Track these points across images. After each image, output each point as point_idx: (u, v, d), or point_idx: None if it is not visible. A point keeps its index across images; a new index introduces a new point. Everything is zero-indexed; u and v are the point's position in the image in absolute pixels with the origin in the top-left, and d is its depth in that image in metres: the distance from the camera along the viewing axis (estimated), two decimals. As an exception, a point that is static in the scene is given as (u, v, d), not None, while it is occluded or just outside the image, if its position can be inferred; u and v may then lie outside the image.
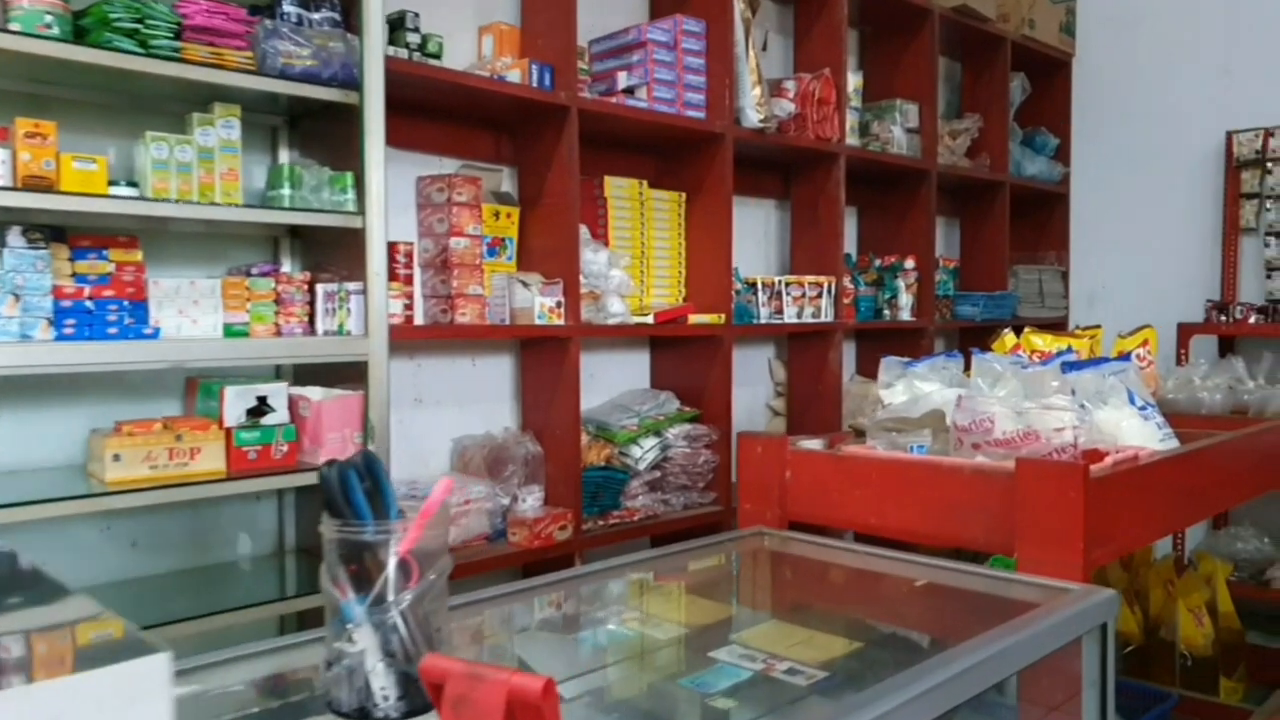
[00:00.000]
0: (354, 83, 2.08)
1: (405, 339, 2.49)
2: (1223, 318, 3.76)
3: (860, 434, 1.85)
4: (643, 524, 2.81)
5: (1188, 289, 4.10)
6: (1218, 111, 4.05)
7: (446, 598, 0.98)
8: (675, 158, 3.12)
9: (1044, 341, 2.26)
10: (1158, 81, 4.24)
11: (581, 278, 2.69)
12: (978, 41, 4.08)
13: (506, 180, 2.79)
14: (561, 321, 2.58)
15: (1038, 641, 1.16)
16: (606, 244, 2.87)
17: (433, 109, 2.60)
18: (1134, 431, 1.70)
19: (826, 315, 3.35)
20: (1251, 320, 3.68)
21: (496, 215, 2.64)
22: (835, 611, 1.53)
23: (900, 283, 3.68)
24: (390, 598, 0.92)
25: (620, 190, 2.92)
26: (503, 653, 1.38)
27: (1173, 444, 1.73)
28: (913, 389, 1.97)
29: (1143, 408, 1.73)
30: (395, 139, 2.56)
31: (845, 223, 3.84)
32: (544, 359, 2.70)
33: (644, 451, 2.87)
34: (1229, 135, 3.99)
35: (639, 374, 3.22)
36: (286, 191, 2.10)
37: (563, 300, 2.59)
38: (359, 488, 0.93)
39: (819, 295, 3.32)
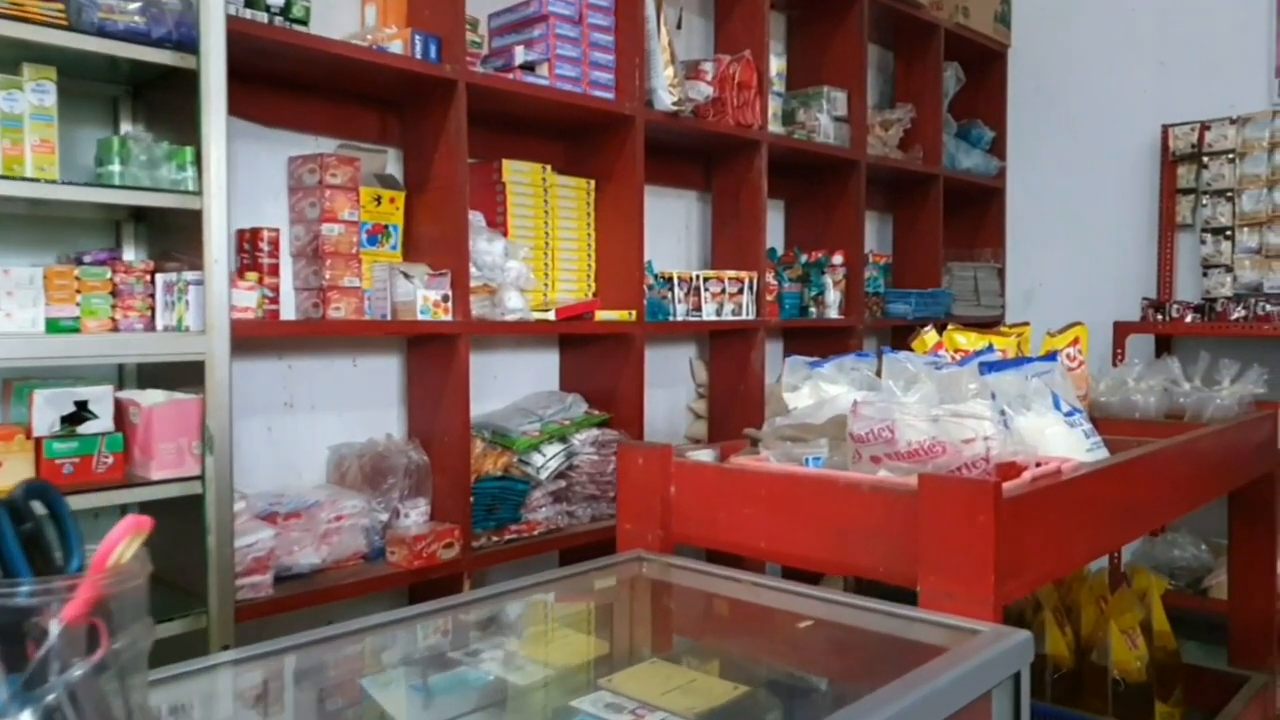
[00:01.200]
0: (192, 45, 1.82)
1: (264, 335, 2.23)
2: (1159, 316, 3.64)
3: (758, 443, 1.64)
4: (544, 539, 2.58)
5: (1125, 287, 3.99)
6: (1153, 105, 3.94)
7: (145, 668, 0.74)
8: (583, 142, 2.90)
9: (967, 340, 2.08)
10: (1093, 74, 4.12)
11: (474, 269, 2.46)
12: (910, 29, 3.91)
13: (392, 163, 2.54)
14: (449, 317, 2.34)
15: (936, 700, 0.96)
16: (505, 233, 2.64)
17: (309, 83, 2.35)
18: (1058, 440, 1.52)
19: (748, 313, 3.16)
20: (1188, 319, 3.57)
21: (378, 200, 2.39)
22: (718, 651, 1.31)
23: (828, 279, 3.50)
24: (54, 675, 0.68)
25: (520, 175, 2.68)
26: (320, 709, 1.15)
27: (1101, 454, 1.55)
28: (819, 392, 1.78)
29: (1069, 414, 1.55)
30: (265, 115, 2.32)
31: (771, 217, 3.66)
32: (431, 359, 2.46)
33: (547, 459, 2.64)
34: (1164, 129, 3.88)
35: (546, 375, 2.99)
36: (116, 168, 1.84)
37: (450, 294, 2.35)
38: (10, 534, 0.69)
39: (740, 291, 3.12)
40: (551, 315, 2.59)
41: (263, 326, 2.07)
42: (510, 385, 2.87)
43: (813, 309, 3.48)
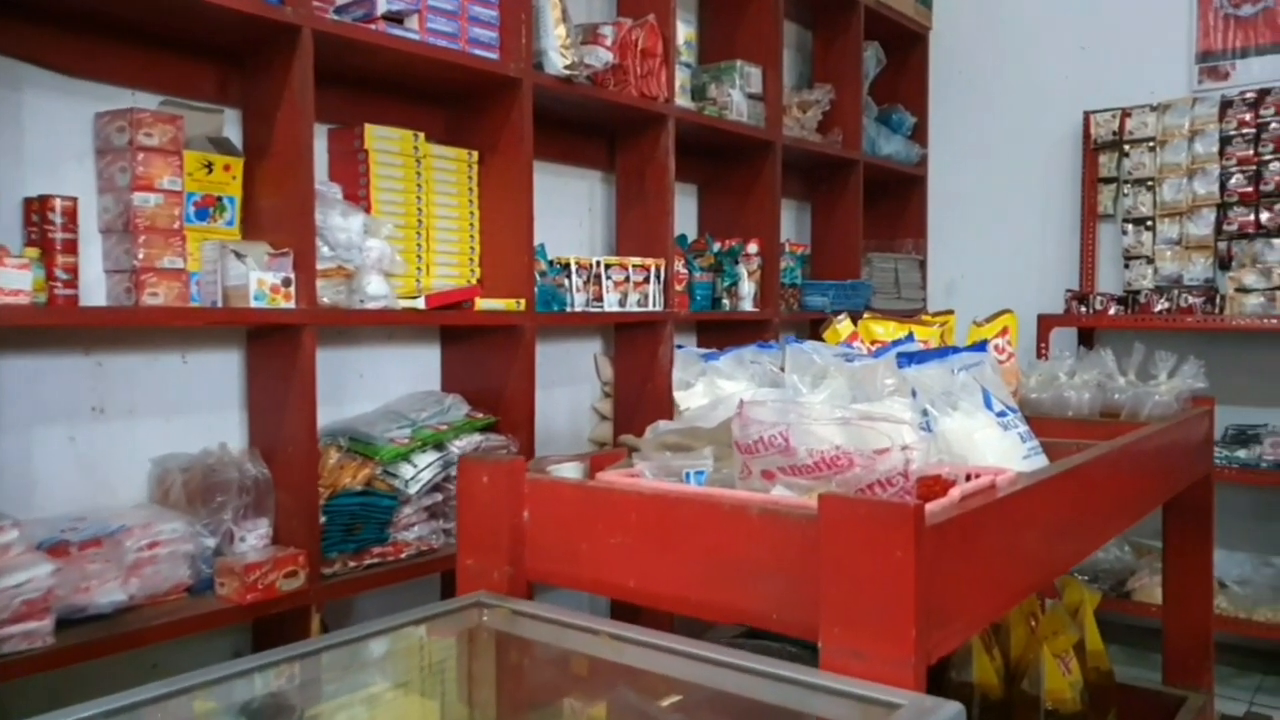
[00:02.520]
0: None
1: (48, 325, 1.86)
2: (1083, 309, 3.48)
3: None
4: (415, 561, 2.26)
5: (1048, 278, 3.83)
6: (1075, 91, 3.79)
7: None
8: (465, 108, 2.58)
9: (885, 330, 1.83)
10: (1015, 58, 3.96)
11: (326, 249, 2.13)
12: (829, 5, 3.69)
13: (232, 125, 2.19)
14: (290, 304, 2.01)
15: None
16: (369, 209, 2.31)
17: (125, 26, 1.98)
18: (990, 446, 1.27)
19: (655, 304, 2.88)
20: (1111, 311, 3.42)
21: (209, 167, 2.04)
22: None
23: (742, 269, 3.25)
24: None
25: (387, 143, 2.35)
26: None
27: (1039, 461, 1.31)
28: (715, 390, 1.50)
29: (1001, 414, 1.30)
30: (68, 63, 1.95)
31: (683, 202, 3.40)
32: (273, 355, 2.12)
33: (418, 470, 2.32)
34: (1086, 115, 3.73)
35: (426, 374, 2.66)
36: None
37: (293, 277, 2.01)
38: None
39: (646, 280, 2.84)
40: (421, 303, 2.27)
41: (41, 314, 1.70)
42: (380, 385, 2.54)
43: (726, 300, 3.22)
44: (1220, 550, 3.35)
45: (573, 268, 2.66)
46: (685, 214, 3.48)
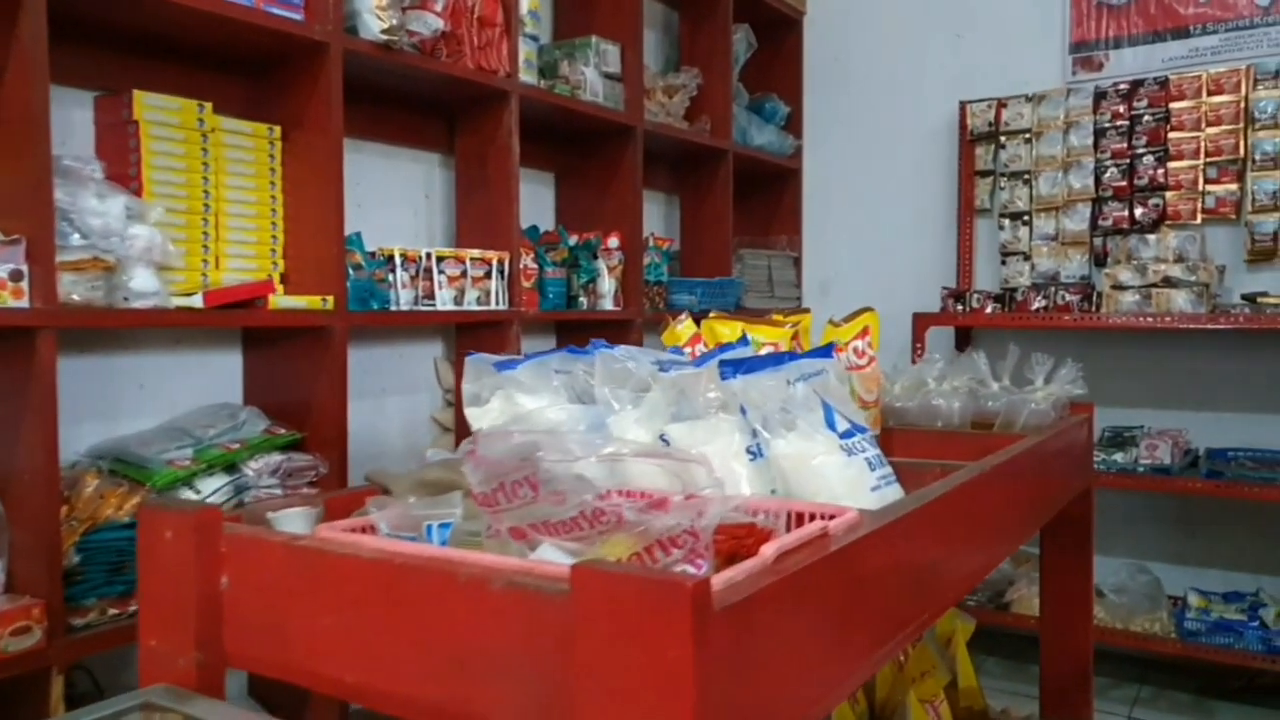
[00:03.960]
0: None
1: None
2: (959, 307, 3.34)
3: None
4: (196, 604, 1.90)
5: (925, 276, 3.69)
6: (951, 80, 3.66)
7: None
8: (266, 78, 2.23)
9: (731, 331, 1.58)
10: (891, 46, 3.81)
11: (77, 237, 1.76)
12: (696, -18, 3.46)
13: (-49, 85, 1.79)
14: (22, 303, 1.64)
15: None
16: (140, 190, 1.94)
17: None
18: (831, 475, 1.02)
19: (498, 301, 2.58)
20: (988, 310, 3.28)
21: (-90, 133, 1.64)
22: None
23: (601, 264, 2.98)
24: None
25: (164, 114, 1.99)
26: None
27: (892, 493, 1.07)
28: (513, 407, 1.22)
29: (847, 434, 1.06)
30: None
31: (539, 192, 3.12)
32: (5, 364, 1.73)
33: (202, 497, 1.96)
34: (962, 105, 3.60)
35: (224, 384, 2.30)
36: None
37: (24, 269, 1.64)
38: None
39: (487, 275, 2.54)
40: (198, 301, 1.92)
41: None
42: (166, 398, 2.17)
43: (583, 299, 2.94)
44: (1097, 556, 3.27)
45: (398, 260, 2.34)
46: (541, 205, 3.20)
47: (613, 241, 3.01)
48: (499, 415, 1.23)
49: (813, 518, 0.93)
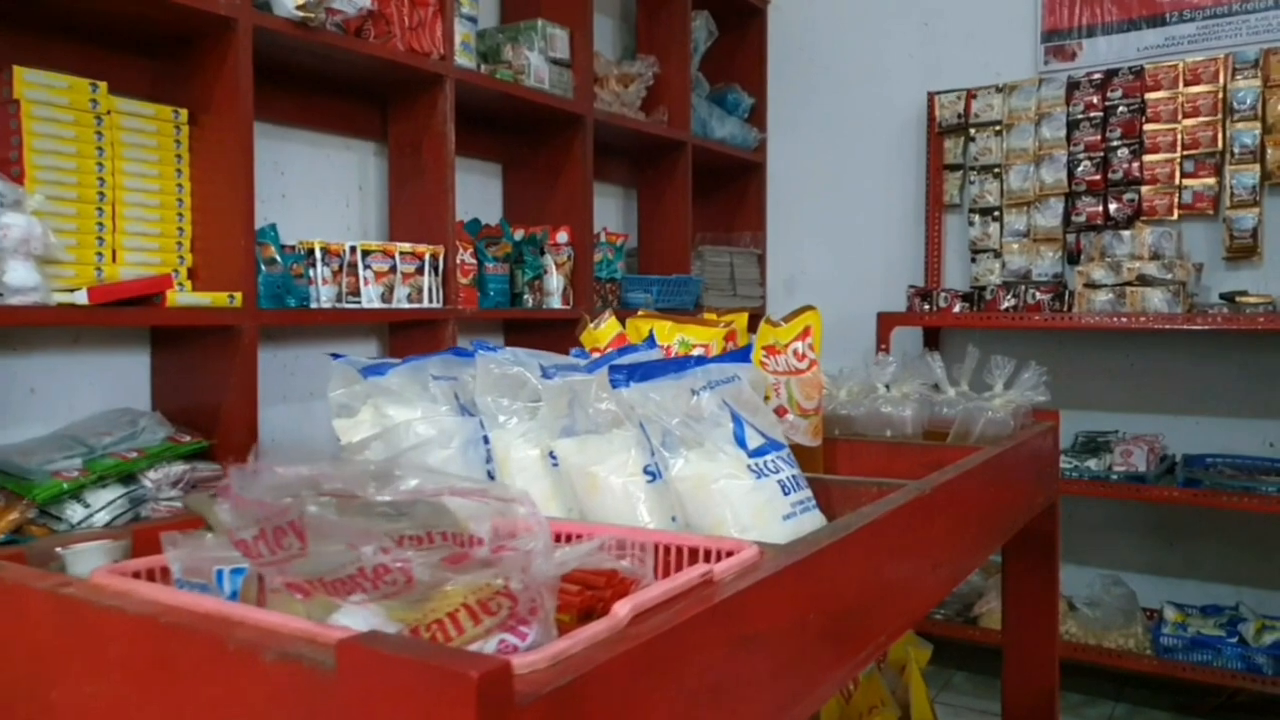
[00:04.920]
0: None
1: None
2: (926, 306, 3.20)
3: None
4: (80, 631, 1.72)
5: (893, 274, 3.55)
6: (919, 71, 3.52)
7: None
8: (171, 57, 2.06)
9: (661, 331, 1.42)
10: (858, 36, 3.66)
11: (-63, 227, 1.58)
12: (653, -34, 3.31)
13: None
14: None
15: None
16: (21, 176, 1.76)
17: None
18: (738, 501, 0.87)
19: (432, 299, 2.41)
20: (956, 309, 3.14)
21: None
22: None
23: (549, 260, 2.82)
24: None
25: (50, 93, 1.81)
26: None
27: (810, 520, 0.91)
28: (383, 418, 1.05)
29: (759, 452, 0.90)
30: None
31: (486, 184, 2.97)
32: None
33: (92, 511, 1.79)
34: (931, 97, 3.46)
35: (130, 388, 2.13)
36: None
37: None
38: None
39: (418, 271, 2.37)
40: (81, 298, 1.74)
41: None
42: (63, 402, 1.99)
43: (528, 296, 2.78)
44: (1069, 565, 3.13)
45: (318, 255, 2.17)
46: (488, 198, 3.04)
47: (561, 236, 2.85)
48: (368, 428, 1.07)
49: (707, 556, 0.77)
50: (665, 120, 3.28)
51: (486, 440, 0.98)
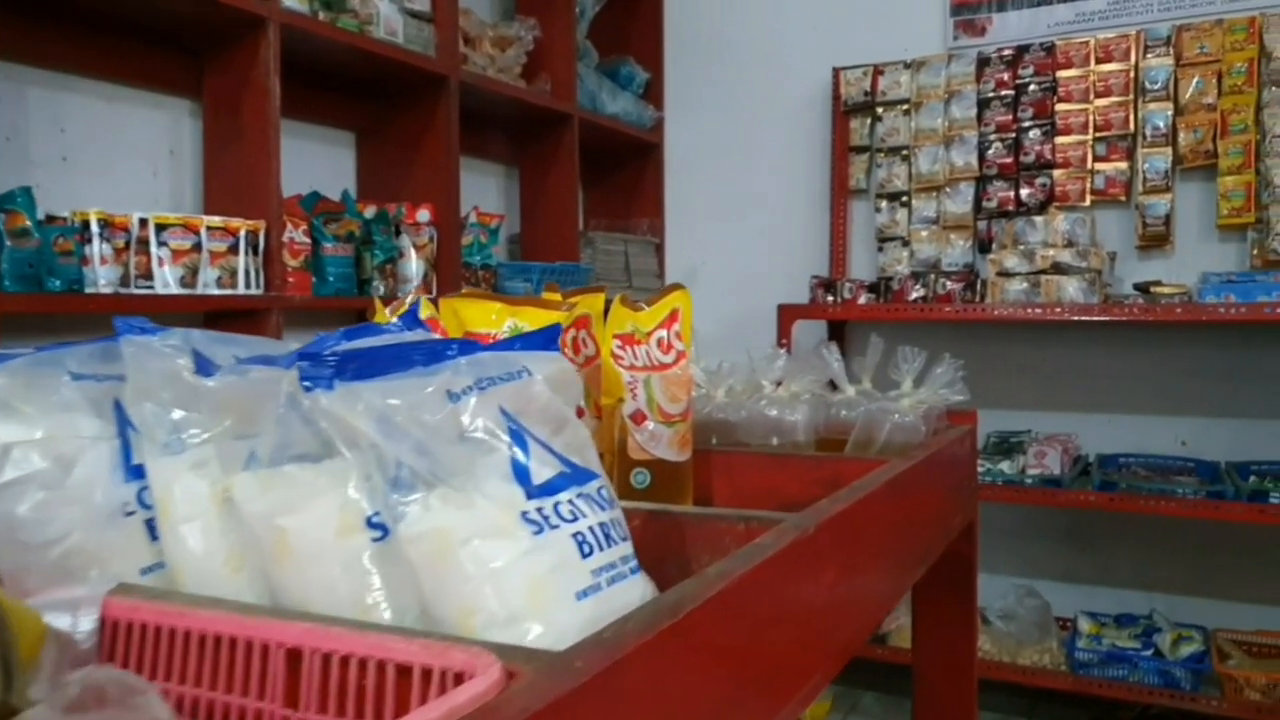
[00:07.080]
0: None
1: None
2: (830, 298, 2.94)
3: None
4: None
5: (798, 263, 3.28)
6: (824, 45, 3.26)
7: None
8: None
9: (485, 314, 1.10)
10: (759, 6, 3.39)
11: None
12: (530, -83, 2.97)
13: None
14: None
15: None
16: None
17: None
18: (505, 572, 0.54)
19: (251, 284, 2.03)
20: (861, 300, 2.89)
21: None
22: None
23: (407, 241, 2.46)
24: None
25: None
26: None
27: (624, 595, 0.59)
28: None
29: (546, 490, 0.58)
30: None
31: (339, 154, 2.59)
32: None
33: None
34: (836, 73, 3.21)
35: None
36: None
37: None
38: None
39: (231, 250, 1.99)
40: None
41: None
42: None
43: (379, 282, 2.41)
44: (981, 574, 2.92)
45: (94, 228, 1.77)
46: (340, 170, 2.66)
47: (422, 214, 2.49)
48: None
49: (431, 677, 0.45)
50: (548, 89, 2.94)
51: (139, 472, 0.64)
